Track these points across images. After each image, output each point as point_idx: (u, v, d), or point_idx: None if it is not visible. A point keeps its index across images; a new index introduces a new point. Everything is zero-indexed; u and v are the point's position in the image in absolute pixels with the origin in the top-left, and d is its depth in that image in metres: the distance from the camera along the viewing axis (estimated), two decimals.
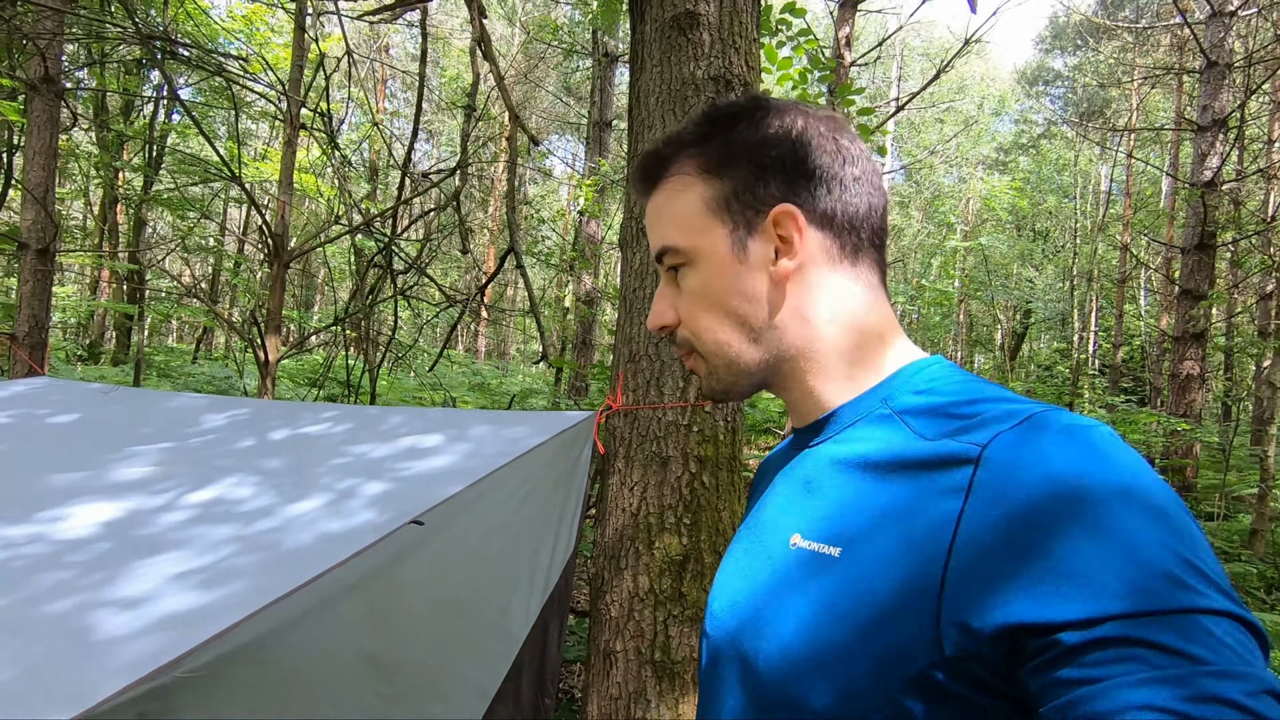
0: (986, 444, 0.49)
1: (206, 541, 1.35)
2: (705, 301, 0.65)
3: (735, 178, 0.64)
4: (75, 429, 2.24)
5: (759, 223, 0.63)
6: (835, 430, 0.63)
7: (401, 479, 1.63)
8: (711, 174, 0.65)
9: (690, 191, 0.65)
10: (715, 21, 2.05)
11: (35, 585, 1.16)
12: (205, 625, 0.99)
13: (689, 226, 0.65)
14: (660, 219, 0.67)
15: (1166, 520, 0.43)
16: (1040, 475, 0.45)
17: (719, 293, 0.65)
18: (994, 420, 0.50)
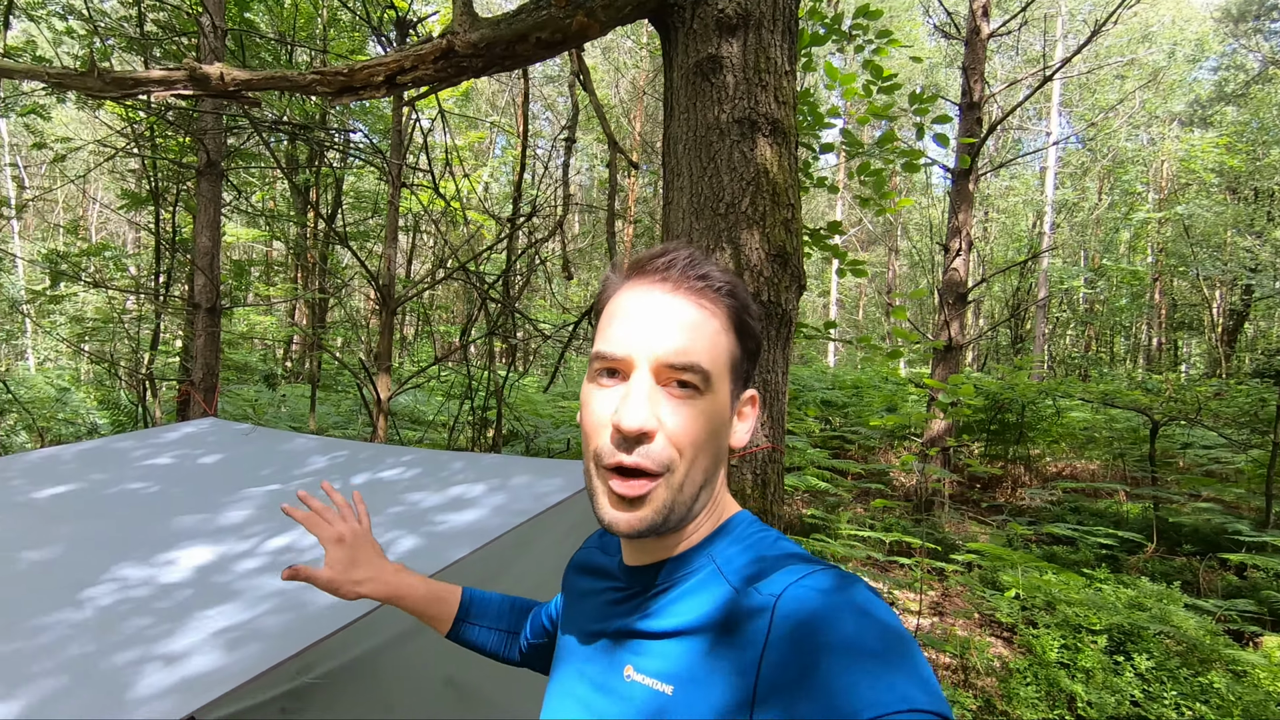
0: (780, 595, 0.60)
1: (261, 593, 1.57)
2: (704, 435, 0.67)
3: (742, 349, 0.70)
4: (213, 470, 2.67)
5: (740, 394, 0.72)
6: (666, 577, 0.70)
7: (433, 534, 1.77)
8: (736, 335, 0.70)
9: (722, 336, 0.68)
10: (739, 62, 2.01)
11: (119, 631, 1.43)
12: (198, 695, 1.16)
13: (718, 363, 0.67)
14: (697, 334, 0.66)
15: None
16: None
17: (714, 436, 0.68)
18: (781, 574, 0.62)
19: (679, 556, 0.70)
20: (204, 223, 3.77)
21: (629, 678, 0.66)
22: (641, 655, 0.67)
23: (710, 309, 0.68)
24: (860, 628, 0.55)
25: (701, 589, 0.66)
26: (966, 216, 7.72)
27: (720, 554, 0.69)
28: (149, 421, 6.46)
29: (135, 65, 7.18)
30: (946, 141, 2.82)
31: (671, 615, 0.67)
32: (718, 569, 0.67)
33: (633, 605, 0.72)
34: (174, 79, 1.66)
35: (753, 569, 0.65)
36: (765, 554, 0.67)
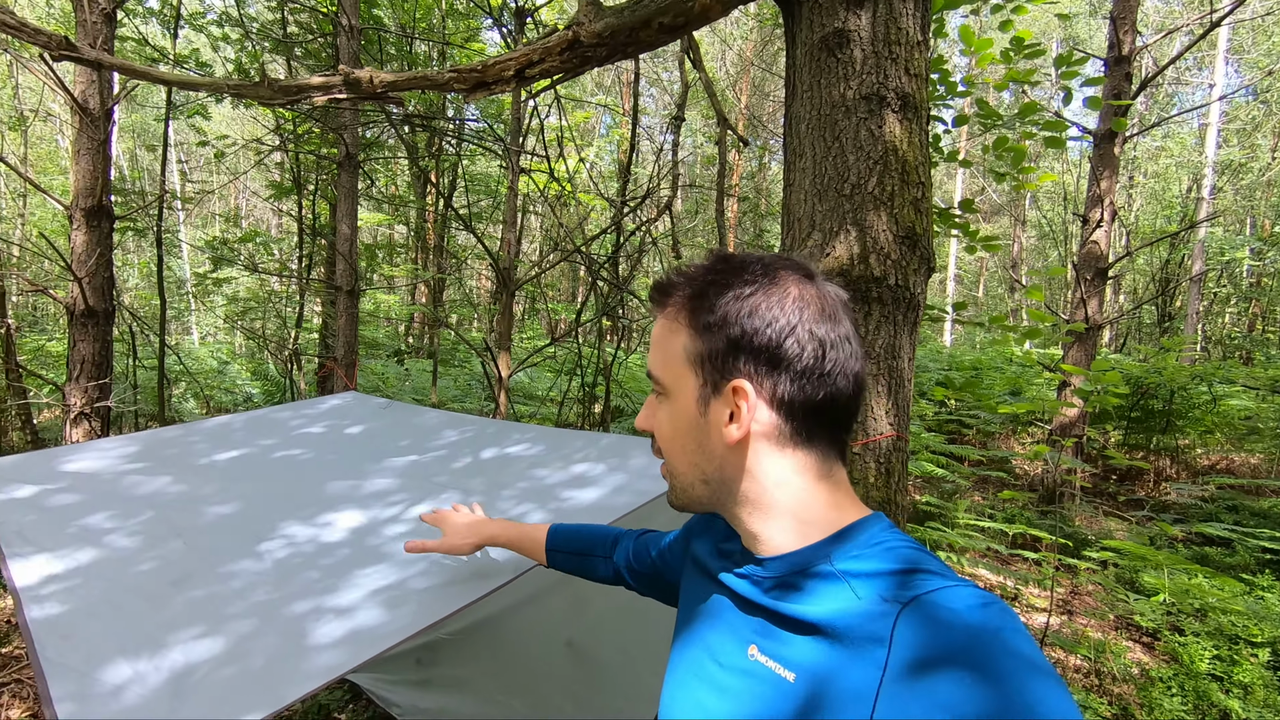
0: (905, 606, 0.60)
1: (408, 557, 1.72)
2: (671, 434, 0.76)
3: (713, 343, 0.70)
4: (358, 440, 2.92)
5: (723, 387, 0.70)
6: (780, 573, 0.71)
7: (560, 510, 1.87)
8: (696, 331, 0.71)
9: (677, 337, 0.73)
10: (868, 35, 1.93)
11: (295, 582, 1.61)
12: (363, 649, 1.30)
13: (670, 367, 0.74)
14: (656, 346, 0.76)
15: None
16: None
17: (681, 434, 0.74)
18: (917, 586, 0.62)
19: (796, 552, 0.71)
20: (343, 211, 4.08)
21: (752, 656, 0.69)
22: (764, 638, 0.69)
23: (669, 317, 0.74)
24: (1003, 642, 0.54)
25: (823, 585, 0.67)
26: (1110, 184, 7.04)
27: (841, 555, 0.69)
28: (294, 392, 7.10)
29: (280, 65, 7.79)
30: (1099, 105, 2.55)
31: (794, 608, 0.68)
32: (836, 569, 0.68)
33: (759, 589, 0.73)
34: (331, 84, 1.81)
35: (880, 577, 0.65)
36: (894, 561, 0.66)
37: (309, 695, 1.16)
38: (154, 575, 1.70)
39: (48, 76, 3.60)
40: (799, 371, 0.68)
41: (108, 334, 3.82)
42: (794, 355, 0.68)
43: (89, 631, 1.44)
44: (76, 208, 3.65)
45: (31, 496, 2.32)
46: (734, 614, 0.75)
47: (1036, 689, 0.52)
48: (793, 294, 0.69)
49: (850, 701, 0.58)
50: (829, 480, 0.72)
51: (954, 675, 0.54)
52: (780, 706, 0.64)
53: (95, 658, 1.32)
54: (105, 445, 2.94)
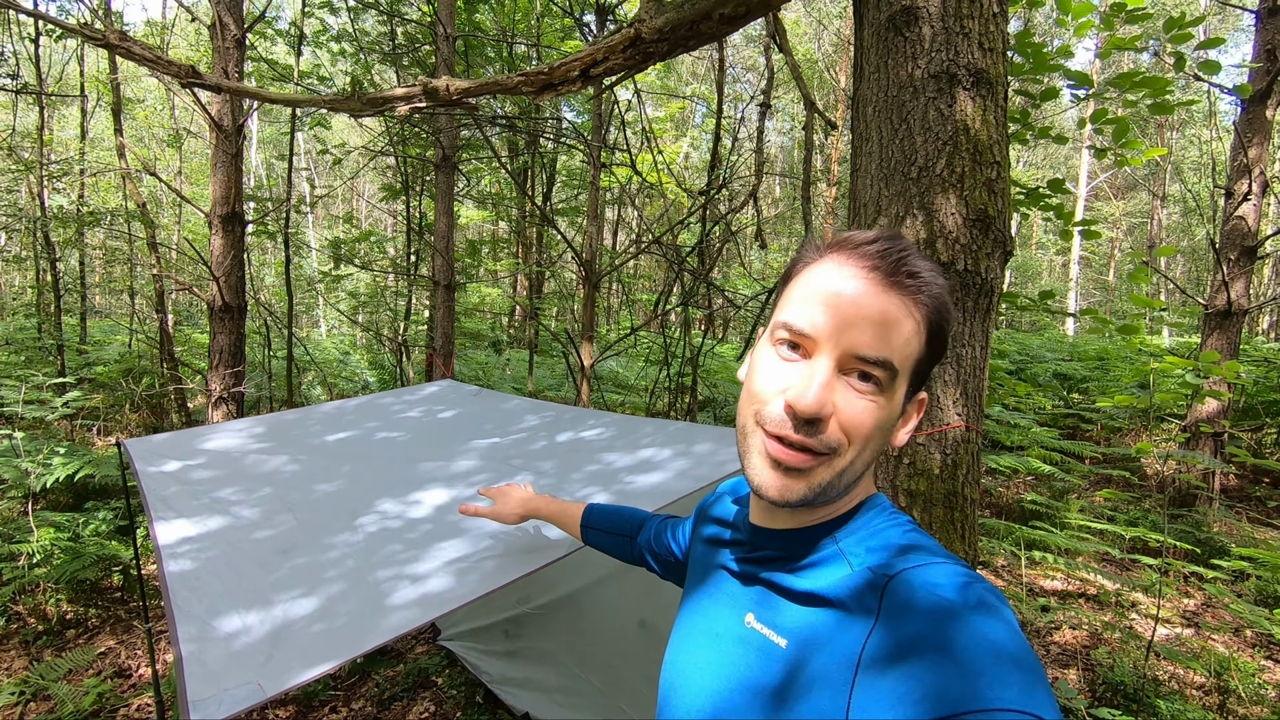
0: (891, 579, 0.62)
1: (482, 531, 1.85)
2: (878, 429, 0.68)
3: (929, 354, 0.69)
4: (449, 424, 3.13)
5: (913, 396, 0.71)
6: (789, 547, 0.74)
7: (623, 492, 1.94)
8: (924, 338, 0.68)
9: (916, 337, 0.68)
10: (938, 11, 1.85)
11: (382, 553, 1.78)
12: (432, 609, 1.42)
13: (903, 361, 0.68)
14: (889, 328, 0.66)
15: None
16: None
17: (883, 428, 0.69)
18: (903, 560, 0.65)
19: (808, 529, 0.73)
20: (441, 210, 4.34)
21: (748, 624, 0.72)
22: (761, 607, 0.72)
23: (911, 309, 0.67)
24: (973, 625, 0.55)
25: (824, 562, 0.70)
26: (1261, 152, 6.27)
27: (846, 534, 0.71)
28: (404, 380, 7.61)
29: (390, 76, 8.30)
30: (1216, 69, 2.26)
31: (793, 580, 0.70)
32: (839, 548, 0.70)
33: (754, 564, 0.76)
34: (412, 94, 1.95)
35: (875, 552, 0.67)
36: (891, 540, 0.68)
37: (374, 649, 1.29)
38: (267, 544, 1.93)
39: (192, 99, 4.06)
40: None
41: (241, 327, 4.27)
42: None
43: (210, 587, 1.66)
44: (215, 215, 4.10)
45: (176, 470, 2.66)
46: (734, 586, 0.78)
47: (998, 675, 0.52)
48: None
49: (835, 667, 0.61)
50: None
51: (922, 652, 0.55)
52: (771, 669, 0.66)
53: (214, 609, 1.53)
54: (237, 426, 3.30)
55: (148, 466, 2.66)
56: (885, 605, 0.61)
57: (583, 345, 3.59)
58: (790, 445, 0.66)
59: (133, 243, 5.91)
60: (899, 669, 0.56)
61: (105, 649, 3.94)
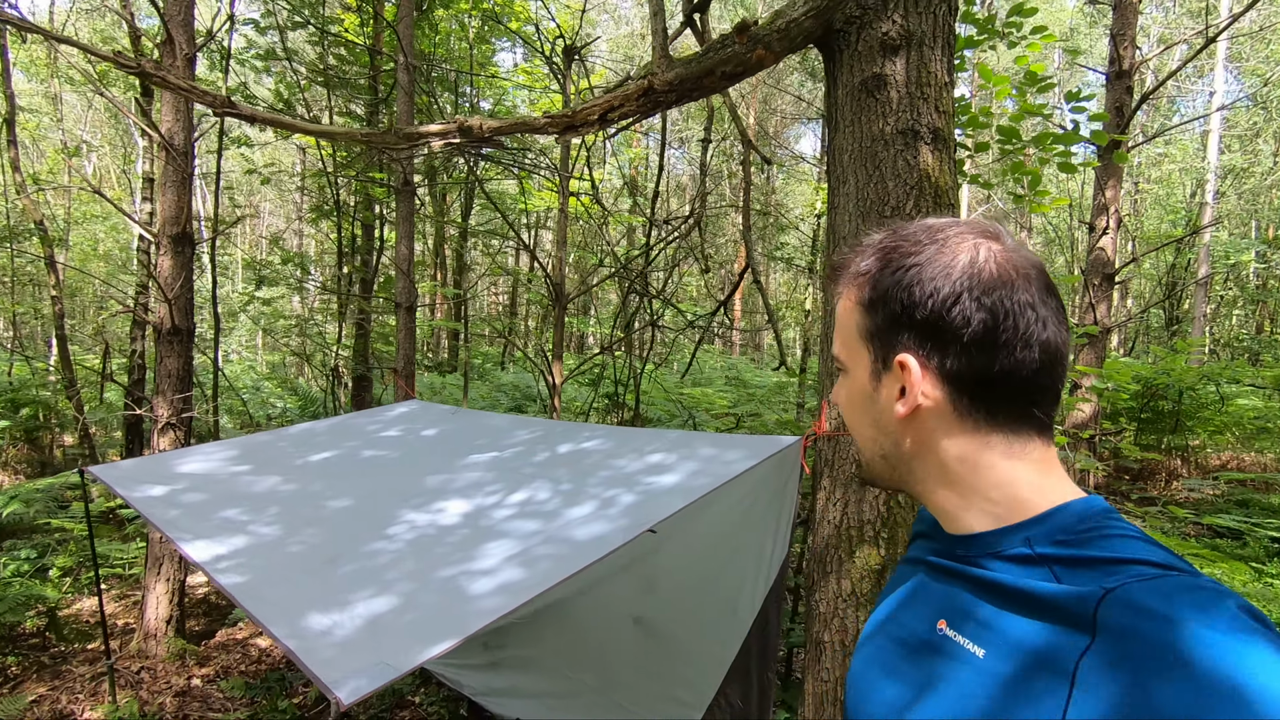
0: (1107, 593, 0.54)
1: (522, 532, 2.01)
2: (848, 410, 0.77)
3: (877, 319, 0.70)
4: (437, 440, 3.22)
5: (890, 362, 0.69)
6: (974, 551, 0.68)
7: (647, 492, 2.15)
8: (864, 308, 0.71)
9: (850, 316, 0.73)
10: (903, 78, 2.23)
11: (432, 556, 1.90)
12: (524, 591, 1.59)
13: (847, 345, 0.75)
14: (836, 325, 0.77)
15: None
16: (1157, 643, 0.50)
17: (857, 410, 0.75)
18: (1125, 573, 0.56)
19: (994, 531, 0.67)
20: (402, 234, 4.40)
21: (941, 630, 0.67)
22: (955, 613, 0.67)
23: (843, 296, 0.74)
24: (1210, 646, 0.47)
25: (1018, 565, 0.64)
26: (1115, 192, 7.32)
27: (1043, 538, 0.64)
28: (336, 405, 7.40)
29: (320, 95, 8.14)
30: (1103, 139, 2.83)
31: (988, 581, 0.65)
32: (1035, 552, 0.63)
33: (951, 561, 0.72)
34: (448, 131, 2.12)
35: (1084, 560, 0.60)
36: (1103, 550, 0.60)
37: (488, 627, 1.44)
38: (306, 555, 2.00)
39: (140, 118, 3.95)
40: (967, 343, 0.64)
41: (190, 350, 4.14)
42: (959, 326, 0.64)
43: (275, 595, 1.74)
44: (164, 235, 3.98)
45: (165, 495, 2.62)
46: (927, 582, 0.74)
47: (1238, 692, 0.45)
48: (963, 261, 0.66)
49: (1043, 685, 0.55)
50: (1025, 459, 0.67)
51: (1151, 674, 0.48)
52: (968, 682, 0.60)
53: (292, 612, 1.61)
54: (208, 450, 3.24)
55: (132, 492, 2.61)
56: (1102, 621, 0.53)
57: (555, 364, 3.76)
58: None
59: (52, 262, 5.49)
60: (1121, 695, 0.49)
61: (37, 696, 3.67)
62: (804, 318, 10.19)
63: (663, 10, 2.30)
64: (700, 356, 13.52)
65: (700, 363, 13.17)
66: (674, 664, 2.76)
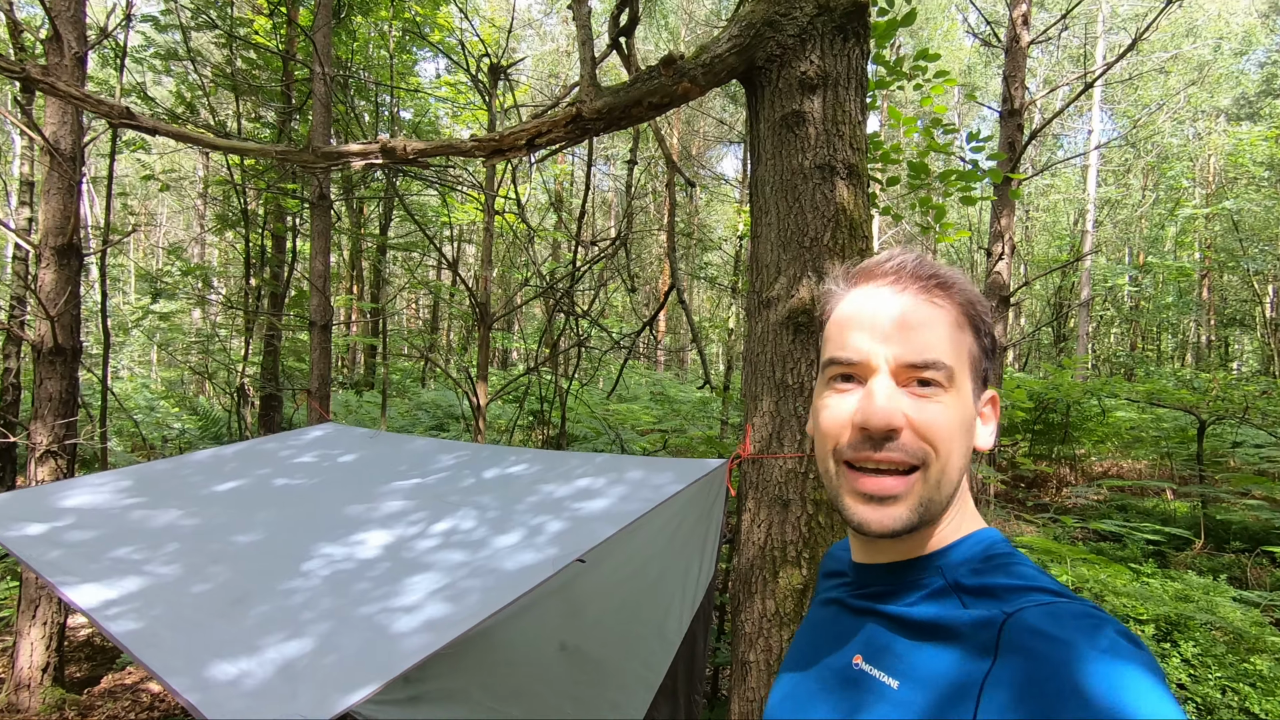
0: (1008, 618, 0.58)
1: (448, 564, 1.95)
2: (956, 428, 0.66)
3: (979, 346, 0.70)
4: (355, 467, 3.09)
5: (981, 394, 0.71)
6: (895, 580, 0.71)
7: (576, 518, 2.14)
8: (968, 330, 0.69)
9: (958, 332, 0.68)
10: (820, 116, 2.34)
11: (351, 592, 1.82)
12: (452, 628, 1.55)
13: (958, 358, 0.67)
14: (934, 332, 0.67)
15: None
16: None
17: (967, 433, 0.68)
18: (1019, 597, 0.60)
19: (909, 562, 0.69)
20: (318, 249, 4.22)
21: (856, 665, 0.68)
22: (869, 647, 0.68)
23: (943, 305, 0.68)
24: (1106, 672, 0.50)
25: (932, 596, 0.66)
26: (1009, 221, 7.89)
27: (953, 567, 0.67)
28: (241, 427, 7.00)
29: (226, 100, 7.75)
30: (999, 177, 3.10)
31: (902, 610, 0.67)
32: (947, 582, 0.66)
33: (863, 599, 0.73)
34: (369, 151, 2.07)
35: (988, 589, 0.63)
36: (1005, 578, 0.63)
37: (415, 666, 1.40)
38: (211, 596, 1.88)
39: (21, 118, 3.63)
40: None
41: (75, 371, 3.83)
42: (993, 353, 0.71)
43: (175, 642, 1.62)
44: (46, 246, 3.67)
45: (45, 533, 2.40)
46: (844, 619, 0.75)
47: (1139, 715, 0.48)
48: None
49: (953, 708, 0.57)
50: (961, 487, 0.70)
51: (1050, 699, 0.51)
52: (884, 714, 0.62)
53: (195, 661, 1.51)
54: (97, 481, 3.00)
55: (4, 531, 2.38)
56: (1005, 644, 0.56)
57: (479, 384, 3.68)
58: (877, 471, 0.66)
59: None
60: (1021, 714, 0.52)
61: None
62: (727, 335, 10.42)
63: (590, 39, 2.33)
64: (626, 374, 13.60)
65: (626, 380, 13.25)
66: (601, 688, 2.75)
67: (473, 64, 4.08)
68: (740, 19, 2.39)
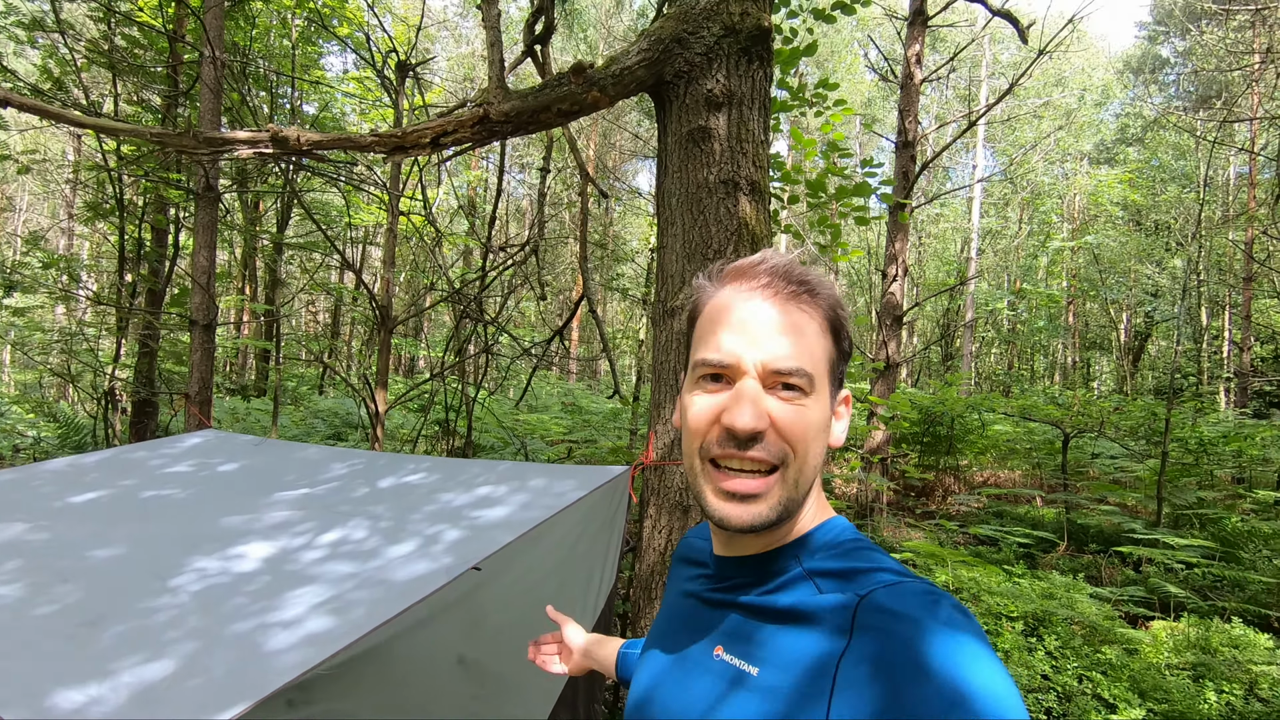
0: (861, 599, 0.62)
1: (334, 576, 1.85)
2: (815, 430, 0.70)
3: (838, 350, 0.73)
4: (237, 476, 2.89)
5: (836, 394, 0.74)
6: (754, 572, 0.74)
7: (474, 527, 2.09)
8: (829, 336, 0.72)
9: (822, 338, 0.71)
10: (725, 133, 2.42)
11: (224, 608, 1.70)
12: (334, 642, 1.47)
13: (816, 364, 0.70)
14: (797, 335, 0.70)
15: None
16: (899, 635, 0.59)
17: (819, 435, 0.71)
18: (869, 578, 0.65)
19: (769, 553, 0.73)
20: (202, 243, 3.94)
21: (718, 656, 0.70)
22: (730, 638, 0.71)
23: (809, 312, 0.71)
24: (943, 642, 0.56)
25: (791, 583, 0.69)
26: (903, 245, 8.42)
27: (809, 555, 0.71)
28: (109, 434, 6.42)
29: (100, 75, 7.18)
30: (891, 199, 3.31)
31: (761, 599, 0.70)
32: (804, 570, 0.70)
33: (723, 592, 0.76)
34: (258, 140, 1.96)
35: (840, 573, 0.67)
36: (855, 562, 0.68)
37: (290, 685, 1.31)
38: (58, 618, 1.70)
39: None
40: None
41: None
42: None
43: (10, 670, 1.45)
44: None
45: None
46: (704, 614, 0.77)
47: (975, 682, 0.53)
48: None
49: (810, 688, 0.60)
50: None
51: (898, 670, 0.56)
52: (744, 698, 0.65)
53: (34, 689, 1.36)
54: None
55: None
56: (859, 624, 0.60)
57: (378, 391, 3.52)
58: (740, 470, 0.69)
59: None
60: (875, 687, 0.56)
61: None
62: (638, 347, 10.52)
63: (500, 40, 2.31)
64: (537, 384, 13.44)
65: (538, 390, 13.11)
66: (500, 702, 2.68)
67: (380, 60, 3.93)
68: (650, 34, 2.44)
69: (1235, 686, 3.68)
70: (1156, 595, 5.10)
